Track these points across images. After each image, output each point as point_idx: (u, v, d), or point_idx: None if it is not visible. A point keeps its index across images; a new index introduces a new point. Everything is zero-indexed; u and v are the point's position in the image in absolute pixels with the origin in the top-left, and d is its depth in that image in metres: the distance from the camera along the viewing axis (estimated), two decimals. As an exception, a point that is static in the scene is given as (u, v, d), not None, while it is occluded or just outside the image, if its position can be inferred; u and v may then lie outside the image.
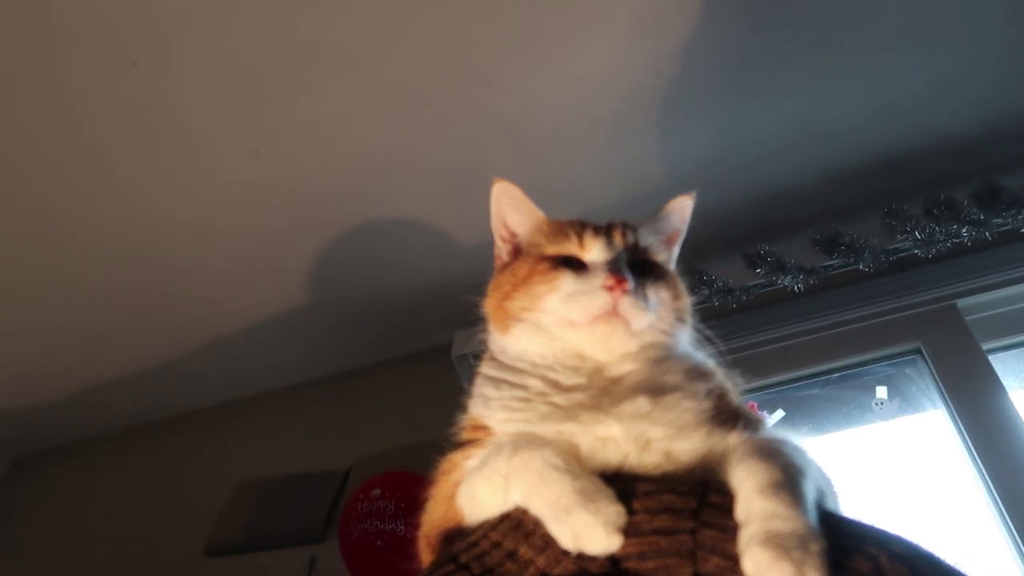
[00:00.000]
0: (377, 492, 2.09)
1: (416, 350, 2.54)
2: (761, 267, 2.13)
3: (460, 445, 0.92)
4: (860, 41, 1.88)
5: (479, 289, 1.02)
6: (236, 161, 1.94)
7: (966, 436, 1.89)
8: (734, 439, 0.81)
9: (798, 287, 2.12)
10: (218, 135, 1.87)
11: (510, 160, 2.04)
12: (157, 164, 1.92)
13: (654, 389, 0.85)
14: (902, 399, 2.11)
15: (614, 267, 0.90)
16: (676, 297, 0.95)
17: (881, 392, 2.12)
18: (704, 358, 0.95)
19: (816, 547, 0.63)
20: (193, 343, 2.48)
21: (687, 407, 0.83)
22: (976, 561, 1.82)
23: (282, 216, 2.11)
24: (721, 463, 0.78)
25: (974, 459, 1.86)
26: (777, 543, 0.63)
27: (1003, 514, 1.77)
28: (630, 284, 0.88)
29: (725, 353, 0.96)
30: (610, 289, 0.87)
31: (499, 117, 1.95)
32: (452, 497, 0.86)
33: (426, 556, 0.89)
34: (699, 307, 1.01)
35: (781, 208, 2.24)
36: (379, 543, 2.00)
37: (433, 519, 0.89)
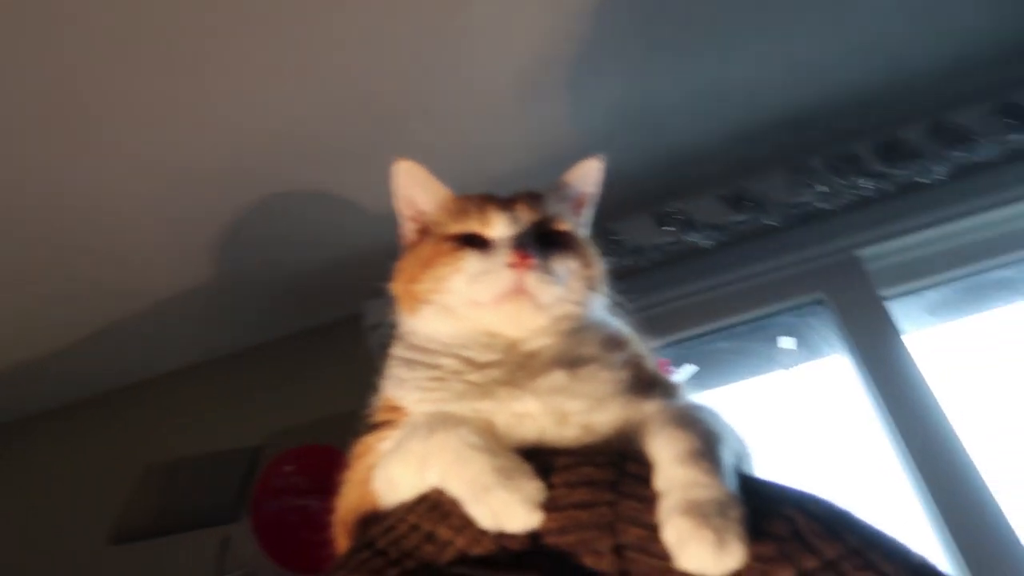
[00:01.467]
0: (289, 467, 2.06)
1: (325, 322, 2.47)
2: (671, 225, 2.15)
3: (374, 427, 0.90)
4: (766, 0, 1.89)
5: (387, 259, 1.00)
6: (134, 139, 1.85)
7: (866, 379, 1.98)
8: (651, 408, 0.80)
9: (707, 243, 2.15)
10: (115, 112, 1.78)
11: (417, 126, 2.00)
12: (51, 142, 1.81)
13: (570, 362, 0.85)
14: (806, 347, 2.17)
15: (518, 243, 0.89)
16: (587, 265, 0.94)
17: (786, 342, 2.18)
18: (620, 325, 0.95)
19: (736, 513, 0.64)
20: (95, 324, 2.37)
21: (604, 378, 0.84)
22: (878, 495, 1.93)
23: (184, 193, 2.02)
24: (638, 432, 0.78)
25: (875, 399, 1.95)
26: (697, 511, 0.63)
27: (902, 449, 1.86)
28: (535, 259, 0.86)
29: (637, 312, 0.96)
30: (514, 266, 0.86)
31: (404, 83, 1.90)
32: (367, 481, 0.85)
33: (343, 541, 0.88)
34: (610, 267, 1.00)
35: (689, 166, 2.25)
36: (293, 519, 1.98)
37: (348, 503, 0.88)
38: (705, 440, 0.72)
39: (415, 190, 1.02)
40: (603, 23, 1.83)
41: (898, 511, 1.86)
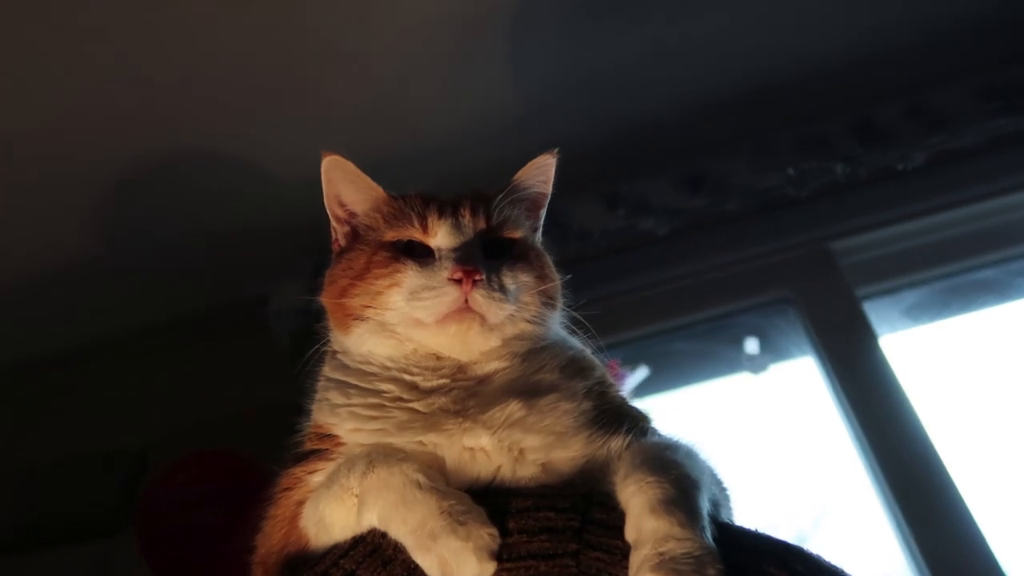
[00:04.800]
0: (182, 476, 1.88)
1: (223, 305, 2.24)
2: (622, 208, 2.07)
3: (303, 456, 0.87)
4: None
5: (300, 233, 0.96)
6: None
7: (838, 387, 1.90)
8: (617, 444, 0.79)
9: (663, 230, 2.07)
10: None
11: (339, 86, 1.88)
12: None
13: (527, 390, 0.82)
14: (771, 351, 2.10)
15: (463, 255, 0.86)
16: (542, 278, 0.90)
17: (751, 346, 2.11)
18: (581, 347, 0.92)
19: (713, 571, 0.63)
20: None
21: (565, 410, 0.81)
22: (842, 507, 1.91)
23: (58, 155, 1.90)
24: (604, 471, 0.77)
25: (847, 409, 1.87)
26: (671, 568, 0.62)
27: (871, 460, 1.80)
28: (482, 274, 0.83)
29: (584, 307, 0.93)
30: (459, 282, 0.82)
31: (326, 39, 1.80)
32: (295, 518, 0.82)
33: None
34: (554, 256, 0.96)
35: (643, 141, 2.15)
36: (185, 535, 1.81)
37: (272, 543, 0.84)
38: (680, 486, 0.70)
39: (344, 187, 0.95)
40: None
41: (866, 528, 1.82)
